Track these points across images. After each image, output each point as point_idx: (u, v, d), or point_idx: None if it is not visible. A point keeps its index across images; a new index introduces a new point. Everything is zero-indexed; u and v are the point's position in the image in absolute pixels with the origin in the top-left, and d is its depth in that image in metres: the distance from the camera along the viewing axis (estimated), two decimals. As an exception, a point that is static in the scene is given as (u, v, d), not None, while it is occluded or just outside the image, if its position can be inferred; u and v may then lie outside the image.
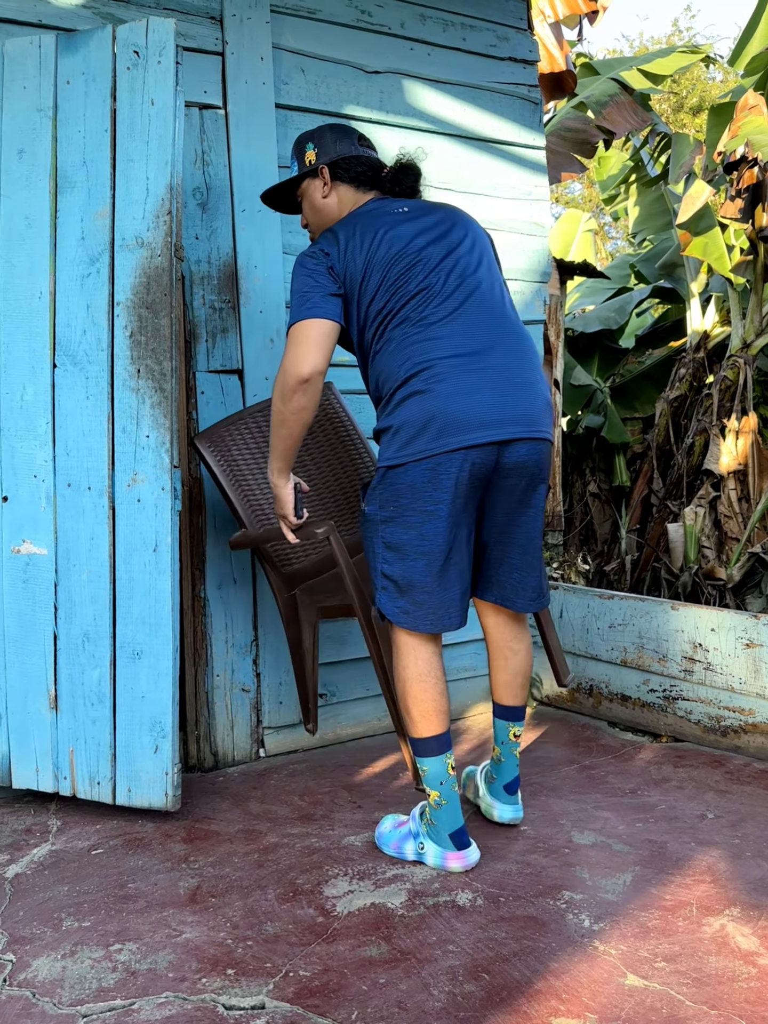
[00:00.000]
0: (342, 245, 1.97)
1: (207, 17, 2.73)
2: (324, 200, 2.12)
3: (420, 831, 2.00)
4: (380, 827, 2.11)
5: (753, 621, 2.62)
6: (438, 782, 1.94)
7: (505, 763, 2.16)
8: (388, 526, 1.93)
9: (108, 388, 2.27)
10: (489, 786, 2.22)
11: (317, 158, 2.10)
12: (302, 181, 2.15)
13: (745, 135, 4.11)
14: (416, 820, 2.03)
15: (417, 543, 1.89)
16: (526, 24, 3.32)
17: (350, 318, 2.01)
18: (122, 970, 1.63)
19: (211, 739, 2.71)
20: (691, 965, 1.57)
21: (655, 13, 35.17)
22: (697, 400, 5.03)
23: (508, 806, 2.18)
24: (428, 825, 1.98)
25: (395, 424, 1.90)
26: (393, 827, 2.08)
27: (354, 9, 2.98)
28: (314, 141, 2.12)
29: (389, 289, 1.94)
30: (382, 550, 1.94)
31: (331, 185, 2.10)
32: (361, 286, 1.96)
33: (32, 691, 2.35)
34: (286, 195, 2.26)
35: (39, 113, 2.31)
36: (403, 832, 2.04)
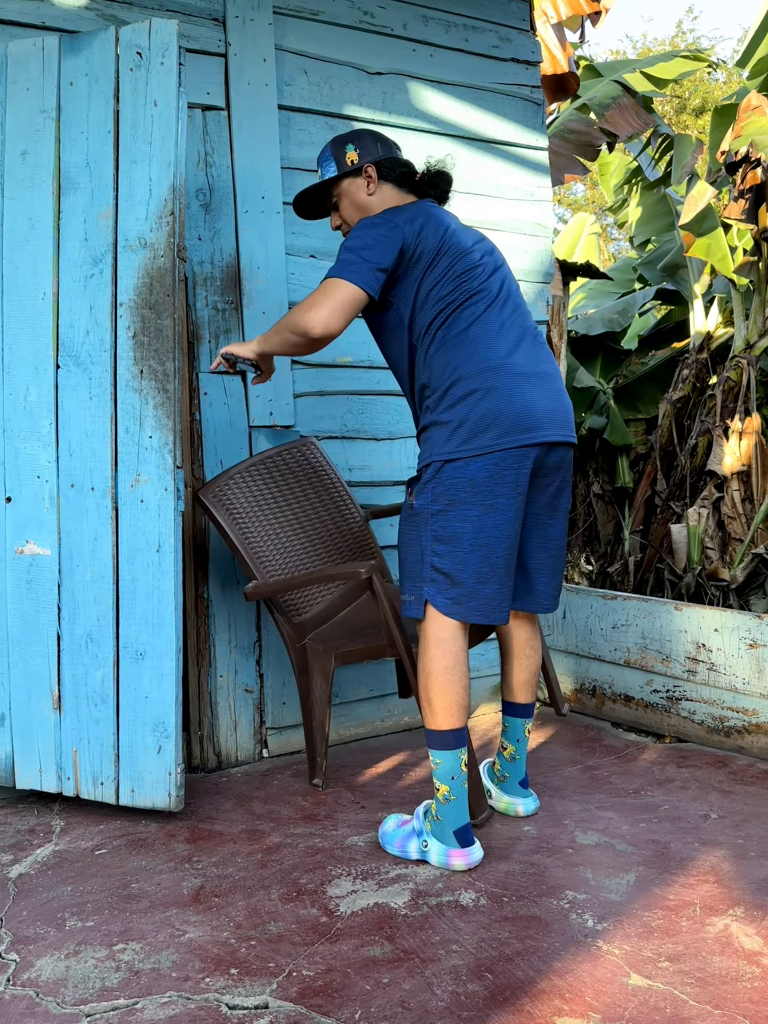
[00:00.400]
0: (418, 223, 2.01)
1: (210, 19, 2.74)
2: (369, 198, 2.14)
3: (424, 829, 2.00)
4: (383, 826, 2.11)
5: (757, 621, 2.61)
6: (450, 777, 1.95)
7: (520, 760, 2.22)
8: (441, 519, 1.95)
9: (111, 389, 2.27)
10: (502, 784, 2.26)
11: (360, 157, 2.13)
12: (341, 181, 2.17)
13: (748, 136, 4.10)
14: (420, 818, 2.03)
15: (473, 535, 1.93)
16: (528, 25, 3.33)
17: (404, 297, 2.02)
18: (125, 970, 1.63)
19: (214, 739, 2.71)
20: (695, 965, 1.57)
21: (659, 14, 35.18)
22: (700, 401, 5.02)
23: (531, 799, 2.25)
24: (433, 822, 1.98)
25: (455, 419, 1.95)
26: (396, 826, 2.08)
27: (356, 10, 2.98)
28: (354, 143, 2.15)
29: (455, 280, 1.99)
30: (431, 543, 1.96)
31: (377, 183, 2.14)
32: (429, 267, 2.00)
33: (36, 691, 2.35)
34: (314, 200, 2.27)
35: (42, 114, 2.32)
36: (407, 831, 2.05)
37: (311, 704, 2.46)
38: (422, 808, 2.04)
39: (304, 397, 2.86)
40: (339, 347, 2.92)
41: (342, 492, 2.77)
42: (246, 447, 2.75)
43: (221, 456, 2.71)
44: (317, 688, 2.43)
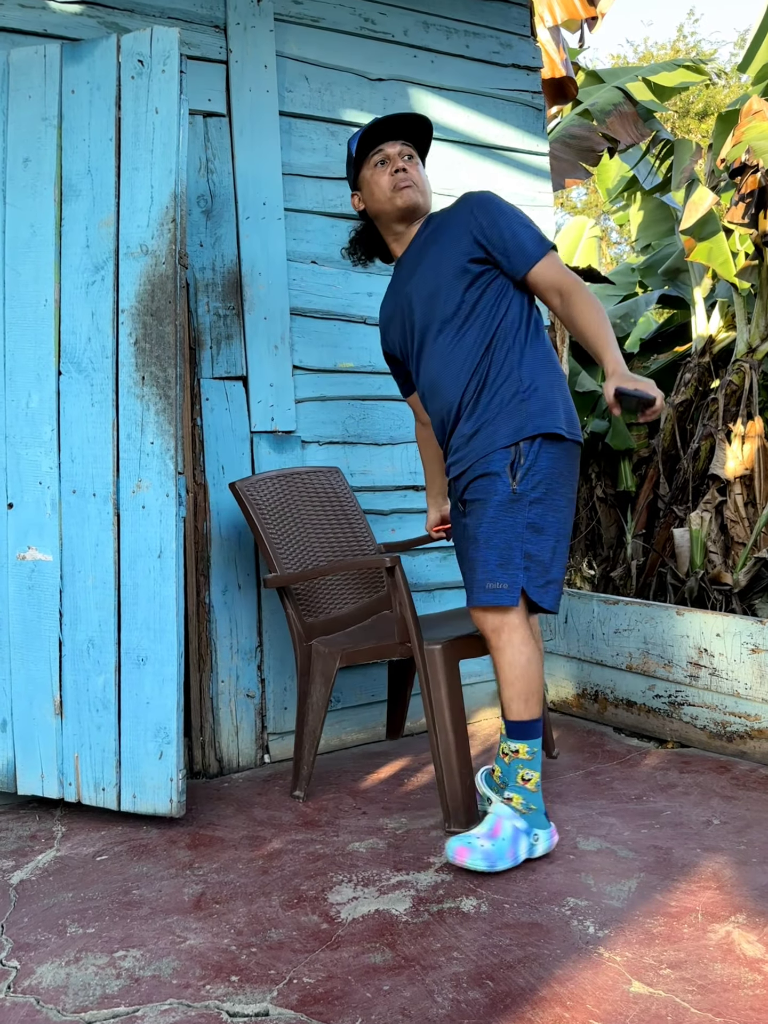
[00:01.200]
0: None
1: (211, 26, 2.75)
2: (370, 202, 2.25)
3: (526, 826, 1.99)
4: (473, 856, 1.93)
5: (759, 626, 2.61)
6: (539, 763, 2.01)
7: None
8: (538, 507, 2.00)
9: (113, 395, 2.27)
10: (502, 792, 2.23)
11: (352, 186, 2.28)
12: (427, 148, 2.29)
13: (748, 141, 4.11)
14: (518, 818, 1.99)
15: (557, 526, 2.02)
16: (529, 31, 3.33)
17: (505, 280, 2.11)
18: (126, 977, 1.63)
19: (216, 745, 2.71)
20: (696, 972, 1.57)
21: (659, 18, 35.23)
22: (703, 405, 5.02)
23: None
24: (529, 813, 2.00)
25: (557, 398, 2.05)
26: (488, 840, 1.96)
27: (357, 17, 2.99)
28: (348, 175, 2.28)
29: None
30: (524, 530, 1.99)
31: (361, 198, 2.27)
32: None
33: (37, 697, 2.35)
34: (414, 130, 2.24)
35: (44, 122, 2.33)
36: (508, 838, 1.97)
37: (306, 708, 2.46)
38: (508, 810, 1.99)
39: (305, 402, 2.86)
40: (340, 352, 2.93)
41: (360, 521, 2.81)
42: (248, 453, 2.75)
43: (223, 462, 2.71)
44: (316, 692, 2.43)
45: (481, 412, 2.05)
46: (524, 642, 2.01)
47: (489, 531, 2.01)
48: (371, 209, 2.19)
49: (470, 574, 2.06)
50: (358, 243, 2.31)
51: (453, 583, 3.11)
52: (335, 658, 2.36)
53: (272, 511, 2.59)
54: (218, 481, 2.70)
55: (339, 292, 2.93)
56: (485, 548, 2.01)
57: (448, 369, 2.09)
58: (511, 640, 2.00)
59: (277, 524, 2.59)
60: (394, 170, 2.12)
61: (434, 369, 2.12)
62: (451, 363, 2.09)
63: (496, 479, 2.01)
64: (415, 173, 2.14)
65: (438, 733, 2.17)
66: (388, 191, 2.12)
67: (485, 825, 2.00)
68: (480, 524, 2.03)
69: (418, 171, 2.15)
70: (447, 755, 2.16)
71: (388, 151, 2.14)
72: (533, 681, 2.01)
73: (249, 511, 2.52)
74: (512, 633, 2.00)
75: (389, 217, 2.16)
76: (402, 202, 2.11)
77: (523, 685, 2.00)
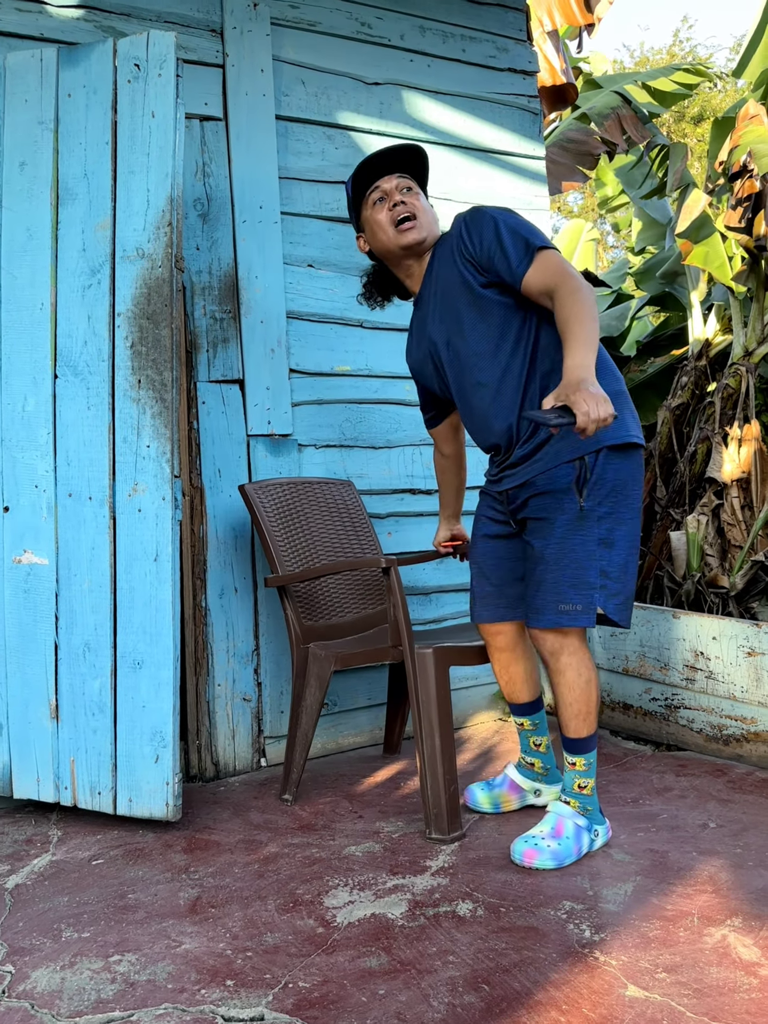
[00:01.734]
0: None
1: (207, 30, 2.75)
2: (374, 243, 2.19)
3: (587, 823, 2.05)
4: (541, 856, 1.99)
5: (755, 629, 2.61)
6: (594, 771, 2.09)
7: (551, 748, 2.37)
8: (606, 522, 1.95)
9: (109, 398, 2.27)
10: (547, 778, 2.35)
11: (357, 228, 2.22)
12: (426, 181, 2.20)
13: (746, 145, 4.11)
14: (576, 816, 2.04)
15: (628, 539, 1.96)
16: (525, 35, 3.34)
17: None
18: (121, 981, 1.62)
19: (212, 749, 2.70)
20: (692, 976, 1.57)
21: (655, 23, 35.35)
22: (699, 408, 5.02)
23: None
24: (588, 814, 2.06)
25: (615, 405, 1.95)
26: (556, 841, 2.01)
27: (354, 21, 3.00)
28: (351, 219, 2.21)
29: None
30: (595, 547, 1.95)
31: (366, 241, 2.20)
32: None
33: (33, 701, 2.35)
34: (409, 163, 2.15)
35: (40, 126, 2.33)
36: (571, 835, 2.02)
37: (300, 710, 2.46)
38: (569, 811, 2.04)
39: (302, 406, 2.87)
40: (337, 356, 2.93)
41: (368, 534, 2.82)
42: (244, 456, 2.75)
43: (219, 465, 2.71)
44: (310, 694, 2.43)
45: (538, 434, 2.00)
46: (583, 664, 2.01)
47: (558, 551, 1.95)
48: (377, 250, 2.13)
49: (538, 595, 1.99)
50: (372, 286, 2.24)
51: (449, 587, 3.11)
52: (330, 661, 2.37)
53: (279, 516, 2.60)
54: (214, 484, 2.70)
55: (336, 296, 2.94)
56: (556, 569, 1.95)
57: (496, 403, 2.01)
58: (570, 663, 2.01)
59: (282, 529, 2.60)
60: (392, 204, 2.06)
61: (480, 406, 2.04)
62: (498, 397, 2.01)
63: (562, 497, 1.95)
64: (415, 204, 2.07)
65: (424, 738, 2.17)
66: (390, 230, 2.06)
67: (547, 825, 2.04)
68: (548, 544, 1.96)
69: (419, 201, 2.08)
70: (432, 760, 2.16)
71: (384, 187, 2.08)
72: (591, 701, 2.03)
73: (256, 513, 2.53)
74: (571, 656, 2.00)
75: (396, 256, 2.10)
76: (406, 241, 2.05)
77: (582, 706, 2.02)
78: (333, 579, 2.70)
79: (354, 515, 2.81)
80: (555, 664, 2.02)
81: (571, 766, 2.07)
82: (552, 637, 2.00)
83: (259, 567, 2.78)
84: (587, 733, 2.05)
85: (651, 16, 35.22)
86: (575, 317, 1.80)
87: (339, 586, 2.71)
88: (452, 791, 2.16)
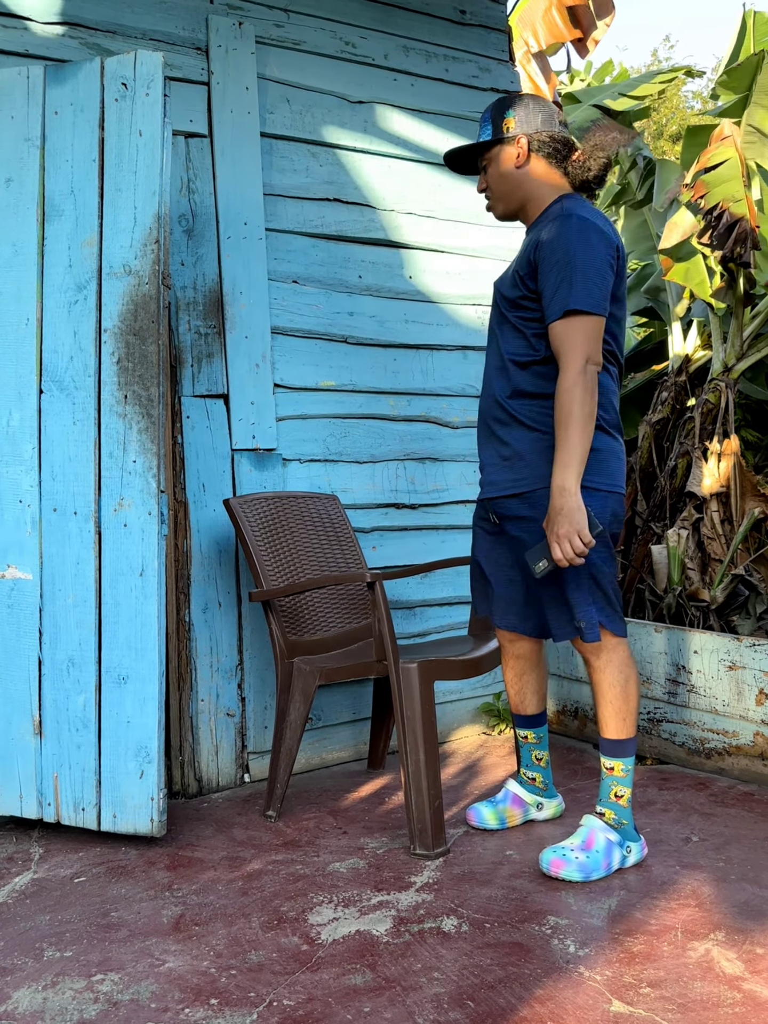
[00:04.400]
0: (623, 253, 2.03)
1: (193, 47, 2.77)
2: (517, 170, 2.09)
3: (619, 839, 2.04)
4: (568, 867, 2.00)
5: (736, 643, 2.64)
6: (631, 779, 2.06)
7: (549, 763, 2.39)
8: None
9: (95, 414, 2.27)
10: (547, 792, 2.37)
11: (517, 126, 2.08)
12: (493, 147, 2.11)
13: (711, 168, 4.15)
14: (610, 831, 2.04)
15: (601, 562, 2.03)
16: (507, 56, 3.39)
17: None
18: (104, 1001, 1.61)
19: (195, 764, 2.69)
20: (676, 991, 1.58)
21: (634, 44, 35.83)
22: (679, 423, 5.07)
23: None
24: (621, 828, 2.05)
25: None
26: (585, 854, 2.01)
27: (338, 40, 3.03)
28: (515, 109, 2.09)
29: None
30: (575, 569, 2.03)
31: (527, 156, 2.08)
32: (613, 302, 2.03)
33: (16, 717, 2.34)
34: (467, 157, 2.21)
35: (27, 142, 2.34)
36: (601, 849, 2.02)
37: (285, 726, 2.45)
38: (600, 823, 2.04)
39: (286, 420, 2.88)
40: (321, 371, 2.94)
41: (353, 549, 2.83)
42: (228, 470, 2.75)
43: (203, 479, 2.71)
44: (294, 709, 2.43)
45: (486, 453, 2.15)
46: (625, 662, 2.05)
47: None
48: None
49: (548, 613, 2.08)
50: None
51: (434, 601, 3.13)
52: (315, 675, 2.37)
53: (263, 530, 2.61)
54: (199, 499, 2.71)
55: (320, 312, 2.95)
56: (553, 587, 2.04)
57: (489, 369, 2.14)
58: (611, 660, 2.04)
59: (267, 543, 2.60)
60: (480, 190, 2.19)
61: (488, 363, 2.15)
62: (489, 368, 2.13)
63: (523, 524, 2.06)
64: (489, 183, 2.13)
65: (408, 753, 2.17)
66: None
67: (578, 837, 2.04)
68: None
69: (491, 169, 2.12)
70: (416, 775, 2.16)
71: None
72: (631, 700, 2.05)
73: (240, 527, 2.53)
74: (612, 653, 2.04)
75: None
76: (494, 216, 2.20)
77: (621, 704, 2.04)
78: (318, 593, 2.71)
79: (339, 529, 2.82)
80: (595, 662, 2.05)
81: (609, 771, 2.06)
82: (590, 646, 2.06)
83: (243, 581, 2.78)
84: (627, 735, 2.05)
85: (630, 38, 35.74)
86: (561, 423, 1.91)
87: (324, 600, 2.72)
88: (437, 806, 2.17)
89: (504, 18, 3.39)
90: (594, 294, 1.90)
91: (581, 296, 1.89)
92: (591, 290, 1.90)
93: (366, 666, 2.33)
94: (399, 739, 2.19)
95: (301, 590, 2.41)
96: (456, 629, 3.16)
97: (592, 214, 1.97)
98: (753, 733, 2.59)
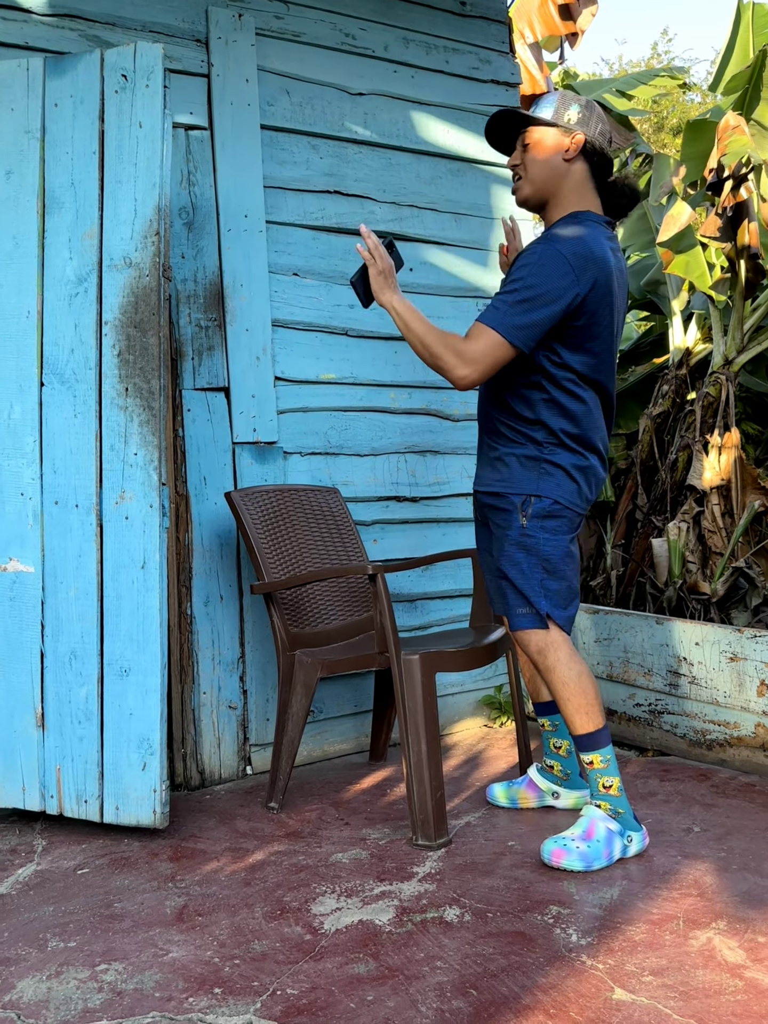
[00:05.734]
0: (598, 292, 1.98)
1: (193, 40, 2.76)
2: (563, 163, 2.06)
3: (619, 828, 2.04)
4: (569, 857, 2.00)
5: (737, 635, 2.64)
6: (616, 769, 2.06)
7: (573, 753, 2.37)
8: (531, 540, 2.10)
9: (96, 406, 2.27)
10: (567, 783, 2.37)
11: (579, 124, 2.06)
12: (548, 128, 2.07)
13: (735, 153, 4.16)
14: (609, 820, 2.04)
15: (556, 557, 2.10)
16: (508, 48, 3.38)
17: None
18: (108, 990, 1.62)
19: (197, 757, 2.70)
20: (678, 979, 1.58)
21: (633, 37, 35.75)
22: (680, 416, 5.07)
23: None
24: (619, 818, 2.05)
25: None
26: (586, 843, 2.02)
27: (338, 32, 3.02)
28: (582, 108, 2.07)
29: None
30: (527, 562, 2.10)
31: (576, 155, 2.06)
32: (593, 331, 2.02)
33: (19, 709, 2.34)
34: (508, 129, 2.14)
35: (27, 135, 2.33)
36: (601, 839, 2.02)
37: (286, 718, 2.46)
38: (600, 813, 2.05)
39: (287, 413, 2.87)
40: (322, 364, 2.94)
41: (354, 541, 2.83)
42: (230, 463, 2.75)
43: (205, 472, 2.71)
44: (296, 702, 2.43)
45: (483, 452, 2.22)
46: (571, 658, 2.06)
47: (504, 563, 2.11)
48: None
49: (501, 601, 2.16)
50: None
51: (435, 593, 3.13)
52: (316, 668, 2.37)
53: (265, 523, 2.61)
54: (200, 492, 2.71)
55: (321, 304, 2.95)
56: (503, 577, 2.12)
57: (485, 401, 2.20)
58: (558, 658, 2.06)
59: (269, 535, 2.60)
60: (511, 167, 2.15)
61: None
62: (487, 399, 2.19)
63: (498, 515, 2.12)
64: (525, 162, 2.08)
65: (411, 744, 2.18)
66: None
67: (579, 827, 2.05)
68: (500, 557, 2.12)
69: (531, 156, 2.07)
70: (418, 767, 2.16)
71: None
72: (588, 693, 2.06)
73: (242, 520, 2.53)
74: (557, 651, 2.06)
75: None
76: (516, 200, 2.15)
77: (580, 699, 2.05)
78: (319, 586, 2.71)
79: (340, 522, 2.82)
80: (542, 663, 2.07)
81: (589, 765, 2.08)
82: (534, 637, 2.07)
83: (245, 574, 2.78)
84: (593, 727, 2.06)
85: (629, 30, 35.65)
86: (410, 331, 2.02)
87: (325, 593, 2.72)
88: (438, 797, 2.17)
89: (504, 9, 3.38)
90: (518, 323, 1.94)
91: (503, 318, 1.94)
92: (516, 319, 1.94)
93: (368, 658, 2.33)
94: (401, 731, 2.20)
95: (303, 583, 2.41)
96: (457, 622, 3.16)
97: (582, 247, 1.95)
98: (754, 724, 2.60)
